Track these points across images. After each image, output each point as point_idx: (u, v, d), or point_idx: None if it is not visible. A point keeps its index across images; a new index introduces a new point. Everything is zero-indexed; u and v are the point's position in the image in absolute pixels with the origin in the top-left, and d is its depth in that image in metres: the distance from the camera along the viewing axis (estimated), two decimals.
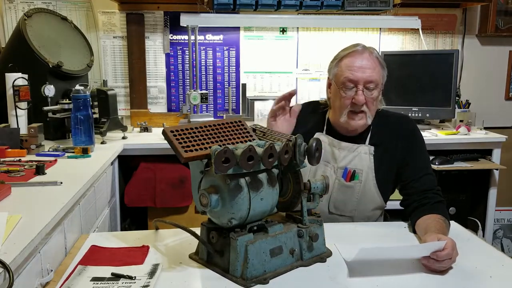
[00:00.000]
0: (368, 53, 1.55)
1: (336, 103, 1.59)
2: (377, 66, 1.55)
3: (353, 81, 1.53)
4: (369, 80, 1.52)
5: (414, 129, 1.66)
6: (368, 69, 1.52)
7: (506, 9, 3.15)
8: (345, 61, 1.56)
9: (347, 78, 1.53)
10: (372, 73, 1.53)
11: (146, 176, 2.52)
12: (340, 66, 1.57)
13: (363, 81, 1.52)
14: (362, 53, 1.55)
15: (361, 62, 1.53)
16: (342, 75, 1.55)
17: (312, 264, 1.21)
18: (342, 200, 1.60)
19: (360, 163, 1.59)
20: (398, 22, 3.02)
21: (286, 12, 2.95)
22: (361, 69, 1.52)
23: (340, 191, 1.60)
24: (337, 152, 1.62)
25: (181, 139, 1.13)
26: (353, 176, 1.59)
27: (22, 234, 1.09)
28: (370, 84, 1.53)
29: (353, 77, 1.52)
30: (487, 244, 1.41)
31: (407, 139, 1.62)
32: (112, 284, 1.09)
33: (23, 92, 2.19)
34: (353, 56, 1.55)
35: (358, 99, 1.52)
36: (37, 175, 1.66)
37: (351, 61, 1.54)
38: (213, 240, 1.17)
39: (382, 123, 1.64)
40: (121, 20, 2.96)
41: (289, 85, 3.14)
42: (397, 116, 1.69)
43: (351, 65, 1.53)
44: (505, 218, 3.26)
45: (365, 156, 1.60)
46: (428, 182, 1.56)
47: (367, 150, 1.60)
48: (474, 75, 3.26)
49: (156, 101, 3.07)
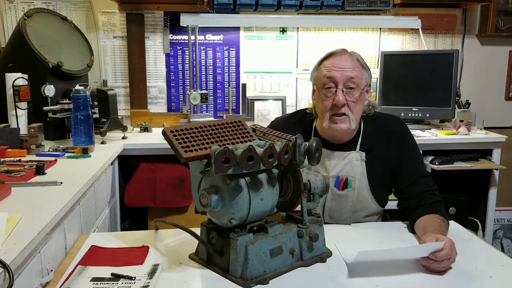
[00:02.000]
0: (348, 55, 1.54)
1: (319, 107, 1.56)
2: (357, 66, 1.52)
3: (332, 79, 1.50)
4: (348, 78, 1.49)
5: (405, 131, 1.63)
6: (347, 68, 1.50)
7: (506, 9, 3.15)
8: (324, 63, 1.55)
9: (325, 77, 1.51)
10: (352, 72, 1.50)
11: (146, 176, 2.52)
12: (320, 69, 1.56)
13: (342, 80, 1.49)
14: (341, 54, 1.54)
15: (340, 62, 1.51)
16: (322, 75, 1.53)
17: (312, 264, 1.21)
18: (337, 210, 1.58)
19: (352, 170, 1.57)
20: (398, 22, 3.02)
21: (286, 12, 2.95)
22: (340, 68, 1.50)
23: (333, 200, 1.57)
24: (327, 162, 1.58)
25: (181, 139, 1.13)
26: (346, 184, 1.56)
27: (22, 234, 1.09)
28: (350, 83, 1.50)
29: (331, 74, 1.50)
30: (487, 244, 1.41)
31: (399, 142, 1.59)
32: (112, 284, 1.09)
33: (23, 92, 2.20)
34: (332, 58, 1.54)
35: (337, 99, 1.49)
36: (37, 175, 1.66)
37: (330, 62, 1.53)
38: (213, 240, 1.17)
39: (371, 127, 1.62)
40: (121, 20, 2.96)
41: (289, 85, 3.14)
42: (387, 118, 1.66)
43: (329, 66, 1.52)
44: (505, 218, 3.26)
45: (357, 162, 1.57)
46: (424, 184, 1.55)
47: (358, 157, 1.57)
48: (474, 75, 3.26)
49: (156, 101, 3.07)
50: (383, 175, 1.59)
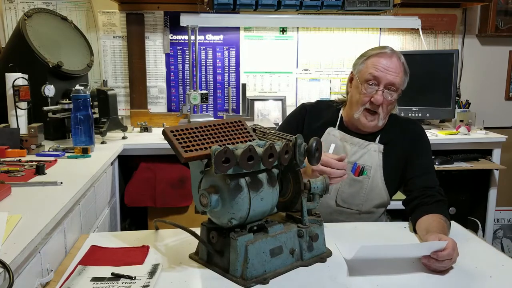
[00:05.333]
0: (396, 58, 1.60)
1: (355, 97, 1.63)
2: (401, 72, 1.60)
3: (376, 79, 1.58)
4: (392, 82, 1.57)
5: (422, 133, 1.71)
6: (393, 72, 1.58)
7: (506, 9, 3.15)
8: (372, 59, 1.61)
9: (371, 75, 1.58)
10: (396, 76, 1.58)
11: (146, 176, 2.52)
12: (367, 63, 1.61)
13: (385, 81, 1.57)
14: (390, 56, 1.60)
15: (388, 64, 1.58)
16: (367, 71, 1.59)
17: (312, 264, 1.21)
18: (350, 194, 1.63)
19: (370, 160, 1.64)
20: (398, 22, 3.02)
21: (286, 12, 2.95)
22: (387, 70, 1.57)
23: (348, 184, 1.63)
24: (348, 147, 1.65)
25: (181, 139, 1.13)
26: (362, 171, 1.63)
27: (22, 234, 1.09)
28: (391, 87, 1.58)
29: (377, 74, 1.57)
30: (487, 244, 1.41)
31: (414, 140, 1.67)
32: (112, 284, 1.09)
33: (23, 92, 2.20)
34: (381, 57, 1.60)
35: (376, 98, 1.57)
36: (37, 175, 1.66)
37: (378, 60, 1.59)
38: (213, 240, 1.17)
39: (391, 124, 1.69)
40: (121, 20, 2.96)
41: (289, 85, 3.14)
42: (407, 120, 1.76)
43: (377, 64, 1.58)
44: (505, 218, 3.26)
45: (375, 153, 1.64)
46: (430, 180, 1.59)
47: (376, 148, 1.64)
48: (474, 75, 3.26)
49: (156, 101, 3.07)
50: (397, 168, 1.65)
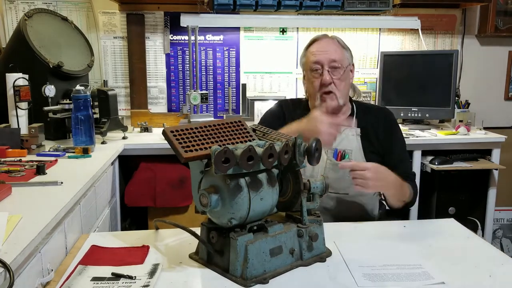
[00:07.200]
0: (328, 38, 1.77)
1: (310, 89, 1.76)
2: (338, 48, 1.74)
3: (318, 62, 1.71)
4: (332, 59, 1.70)
5: (393, 118, 1.83)
6: (330, 49, 1.72)
7: (505, 9, 3.15)
8: (309, 49, 1.77)
9: (312, 61, 1.72)
10: (334, 52, 1.71)
11: (146, 176, 2.52)
12: (306, 55, 1.77)
13: (326, 60, 1.70)
14: (322, 39, 1.77)
15: (323, 45, 1.74)
16: (309, 60, 1.74)
17: (312, 264, 1.21)
18: (336, 179, 1.68)
19: (349, 144, 1.73)
20: (397, 22, 3.02)
21: (286, 12, 2.95)
22: (324, 51, 1.72)
23: (332, 170, 1.70)
24: None
25: (181, 139, 1.13)
26: (343, 156, 1.72)
27: (23, 234, 1.10)
28: (334, 63, 1.70)
29: (316, 58, 1.71)
30: (486, 243, 1.41)
31: (389, 129, 1.78)
32: (112, 284, 1.09)
33: (23, 92, 2.20)
34: (315, 44, 1.76)
35: (324, 78, 1.69)
36: (38, 175, 1.66)
37: (314, 47, 1.75)
38: (213, 240, 1.17)
39: (364, 111, 1.81)
40: (121, 21, 2.96)
41: (289, 85, 3.15)
42: (377, 107, 1.94)
43: (314, 50, 1.74)
44: (504, 218, 3.27)
45: (353, 137, 1.74)
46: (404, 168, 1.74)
47: (354, 132, 1.74)
48: (473, 75, 3.27)
49: (156, 101, 3.08)
50: (376, 153, 1.75)
